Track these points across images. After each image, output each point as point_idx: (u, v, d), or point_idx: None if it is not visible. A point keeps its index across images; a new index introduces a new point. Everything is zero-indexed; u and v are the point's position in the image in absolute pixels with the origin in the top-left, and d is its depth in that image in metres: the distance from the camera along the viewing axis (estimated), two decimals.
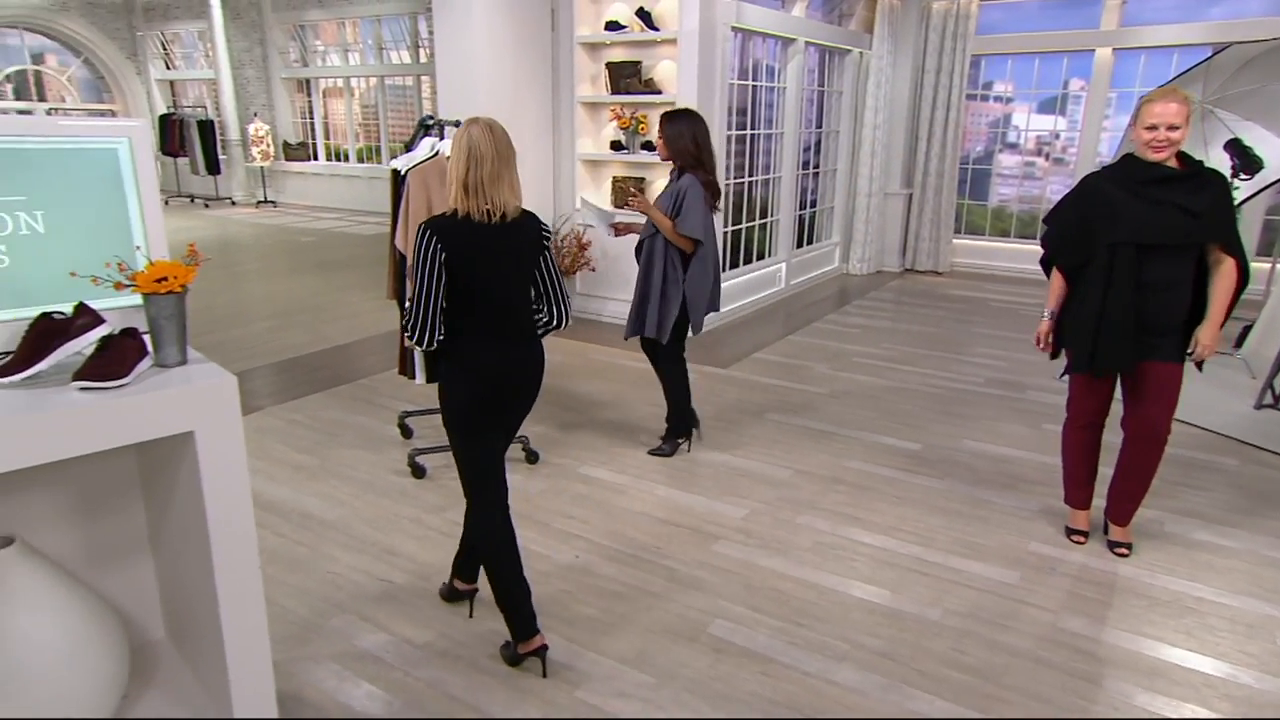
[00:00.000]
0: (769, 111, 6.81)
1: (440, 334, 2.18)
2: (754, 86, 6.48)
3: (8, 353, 1.60)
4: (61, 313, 1.62)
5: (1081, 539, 3.09)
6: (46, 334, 1.58)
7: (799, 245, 7.63)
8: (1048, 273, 3.03)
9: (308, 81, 13.65)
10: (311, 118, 13.79)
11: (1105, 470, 3.08)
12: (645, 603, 2.68)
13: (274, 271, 8.32)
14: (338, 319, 6.25)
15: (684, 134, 3.44)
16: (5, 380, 1.54)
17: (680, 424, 3.85)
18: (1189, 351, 2.79)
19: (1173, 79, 5.18)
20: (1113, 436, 3.02)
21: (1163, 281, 2.71)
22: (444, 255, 2.11)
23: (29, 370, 1.55)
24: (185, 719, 1.91)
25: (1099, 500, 3.13)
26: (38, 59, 14.09)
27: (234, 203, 13.80)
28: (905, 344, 5.84)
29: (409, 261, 2.97)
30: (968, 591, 2.77)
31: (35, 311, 1.60)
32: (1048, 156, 8.60)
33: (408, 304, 2.20)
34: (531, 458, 3.72)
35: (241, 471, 1.74)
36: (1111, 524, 3.05)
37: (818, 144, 7.83)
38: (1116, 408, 2.97)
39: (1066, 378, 3.01)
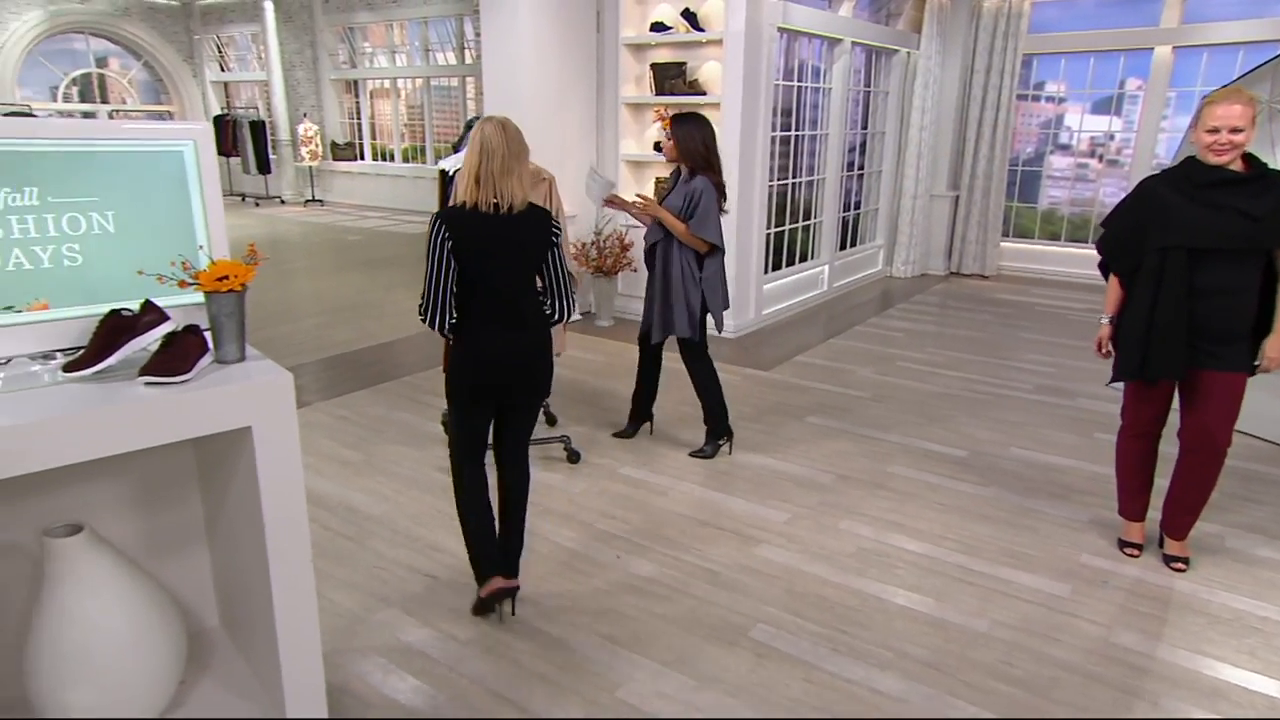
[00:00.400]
0: (814, 112, 6.75)
1: (452, 318, 2.33)
2: (799, 87, 6.43)
3: (80, 347, 1.66)
4: (129, 309, 1.68)
5: (1135, 552, 3.01)
6: (115, 330, 1.63)
7: (842, 247, 7.55)
8: (1106, 278, 2.95)
9: (355, 83, 13.91)
10: (359, 118, 14.05)
11: (1161, 482, 2.99)
12: (686, 605, 2.68)
13: (321, 269, 8.49)
14: (383, 316, 6.36)
15: (694, 136, 3.48)
16: (77, 374, 1.60)
17: (720, 425, 3.84)
18: (1255, 363, 2.70)
19: (1237, 78, 5.01)
20: (1170, 447, 2.93)
21: (1221, 287, 2.63)
22: (451, 243, 2.25)
23: (99, 365, 1.60)
24: (246, 719, 1.96)
25: (1154, 513, 3.05)
26: (101, 62, 14.59)
27: (283, 201, 14.13)
28: (950, 348, 5.74)
29: None
30: (1015, 602, 2.71)
31: (105, 308, 1.66)
32: (1101, 158, 8.38)
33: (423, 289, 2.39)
34: (573, 458, 3.74)
35: (296, 466, 1.78)
36: (1168, 537, 2.96)
37: (863, 145, 7.74)
38: (1174, 417, 2.88)
39: (1121, 385, 2.94)
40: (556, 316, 2.47)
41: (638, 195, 3.55)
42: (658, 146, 5.96)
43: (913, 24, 7.75)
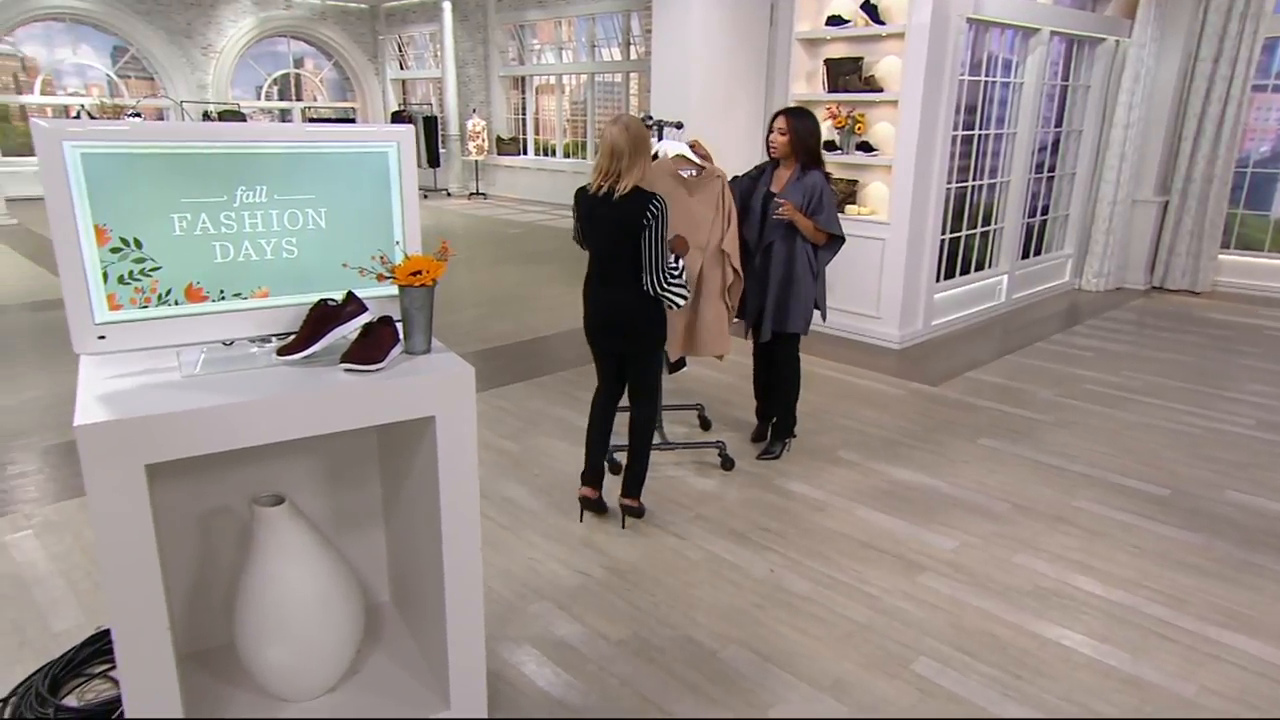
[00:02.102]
0: (1001, 109, 6.36)
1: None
2: (985, 82, 6.08)
3: (291, 333, 1.85)
4: (334, 300, 1.85)
5: None
6: (322, 318, 1.81)
7: (1025, 256, 7.08)
8: None
9: (523, 79, 14.57)
10: (524, 113, 14.71)
11: None
12: (844, 628, 2.61)
13: (481, 261, 8.96)
14: (540, 310, 6.62)
15: (811, 131, 3.57)
16: (288, 358, 1.78)
17: (791, 423, 3.89)
18: None
19: None
20: None
21: None
22: (576, 211, 3.02)
23: (307, 350, 1.78)
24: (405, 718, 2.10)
25: None
26: (298, 63, 16.18)
27: (449, 194, 15.03)
28: (1150, 372, 5.25)
29: None
30: (1231, 669, 2.44)
31: (314, 297, 1.84)
32: None
33: None
34: (727, 464, 3.74)
35: (472, 457, 1.90)
36: None
37: (1055, 144, 7.22)
38: None
39: None
40: (649, 290, 2.88)
41: (777, 199, 3.54)
42: (828, 145, 5.82)
43: (1124, 9, 7.13)
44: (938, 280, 6.01)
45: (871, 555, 3.05)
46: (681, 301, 2.91)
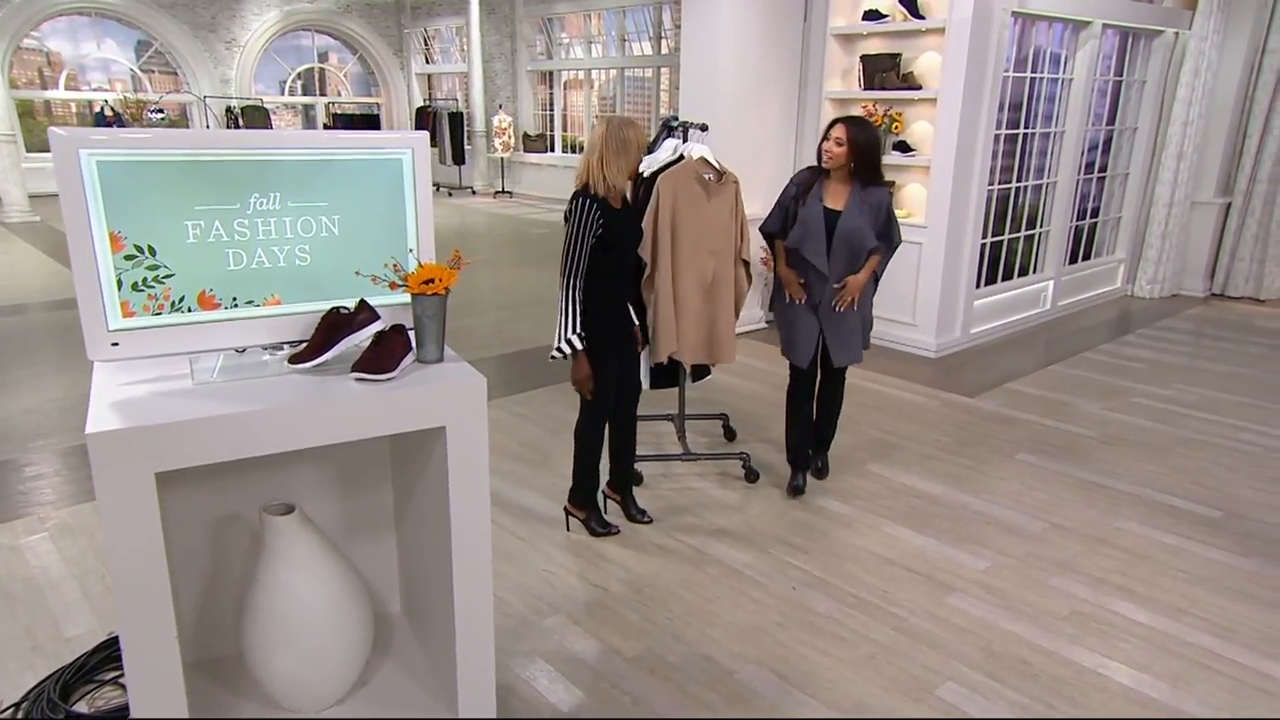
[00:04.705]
0: (1048, 106, 6.30)
1: None
2: (1032, 78, 6.03)
3: (303, 341, 1.91)
4: (346, 308, 1.90)
5: None
6: (334, 326, 1.86)
7: (1072, 261, 7.00)
8: None
9: (550, 74, 14.69)
10: (551, 110, 14.83)
11: None
12: (866, 649, 2.62)
13: (504, 262, 9.05)
14: None
15: (874, 145, 3.39)
16: (299, 366, 1.84)
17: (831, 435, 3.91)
18: None
19: None
20: None
21: None
22: None
23: (319, 359, 1.84)
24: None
25: None
26: (323, 57, 16.48)
27: (474, 192, 15.19)
28: (1206, 386, 5.16)
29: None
30: None
31: (327, 305, 1.89)
32: None
33: None
34: (751, 476, 3.76)
35: (483, 468, 1.94)
36: None
37: (1106, 143, 7.13)
38: None
39: None
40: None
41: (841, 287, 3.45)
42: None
43: (1184, 0, 7.02)
44: (978, 286, 5.96)
45: (899, 574, 3.05)
46: (554, 352, 3.13)
